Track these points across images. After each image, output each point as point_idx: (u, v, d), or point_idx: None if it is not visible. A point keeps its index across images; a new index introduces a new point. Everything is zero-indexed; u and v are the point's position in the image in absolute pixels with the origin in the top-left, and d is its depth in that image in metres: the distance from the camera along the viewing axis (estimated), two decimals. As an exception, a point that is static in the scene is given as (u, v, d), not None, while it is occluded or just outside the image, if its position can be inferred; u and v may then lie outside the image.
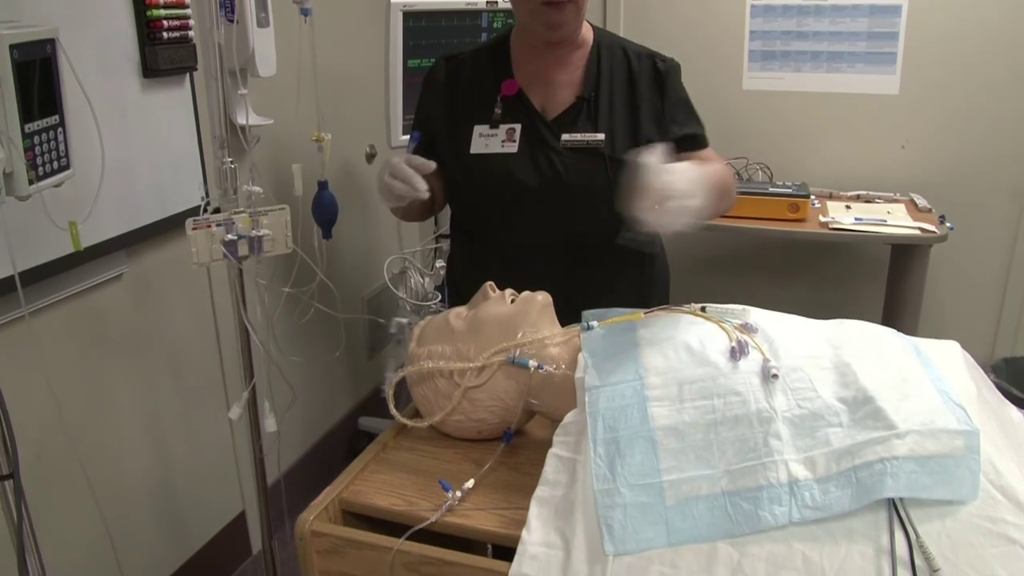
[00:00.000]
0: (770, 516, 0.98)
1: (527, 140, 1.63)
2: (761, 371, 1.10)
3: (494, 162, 1.63)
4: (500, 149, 1.63)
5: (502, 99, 1.65)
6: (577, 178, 1.60)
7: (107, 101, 1.75)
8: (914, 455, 0.98)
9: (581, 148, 1.60)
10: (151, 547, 2.15)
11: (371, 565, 1.14)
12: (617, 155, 1.59)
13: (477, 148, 1.65)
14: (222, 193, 1.71)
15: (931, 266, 2.75)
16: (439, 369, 1.29)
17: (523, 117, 1.64)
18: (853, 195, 3.03)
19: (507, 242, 1.68)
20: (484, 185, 1.65)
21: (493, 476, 1.24)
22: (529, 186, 1.61)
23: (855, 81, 3.09)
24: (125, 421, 2.03)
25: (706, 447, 1.04)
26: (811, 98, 3.16)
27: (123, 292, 1.97)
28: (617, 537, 1.00)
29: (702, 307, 1.28)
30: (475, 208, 1.73)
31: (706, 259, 3.33)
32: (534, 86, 1.66)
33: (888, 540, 0.94)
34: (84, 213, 1.54)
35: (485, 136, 1.65)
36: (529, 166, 1.61)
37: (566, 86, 1.65)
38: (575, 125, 1.62)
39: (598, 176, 1.59)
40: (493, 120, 1.64)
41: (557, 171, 1.60)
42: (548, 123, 1.63)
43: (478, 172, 1.65)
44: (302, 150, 2.15)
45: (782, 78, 3.16)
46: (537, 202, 1.62)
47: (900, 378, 1.09)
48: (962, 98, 3.00)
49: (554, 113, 1.64)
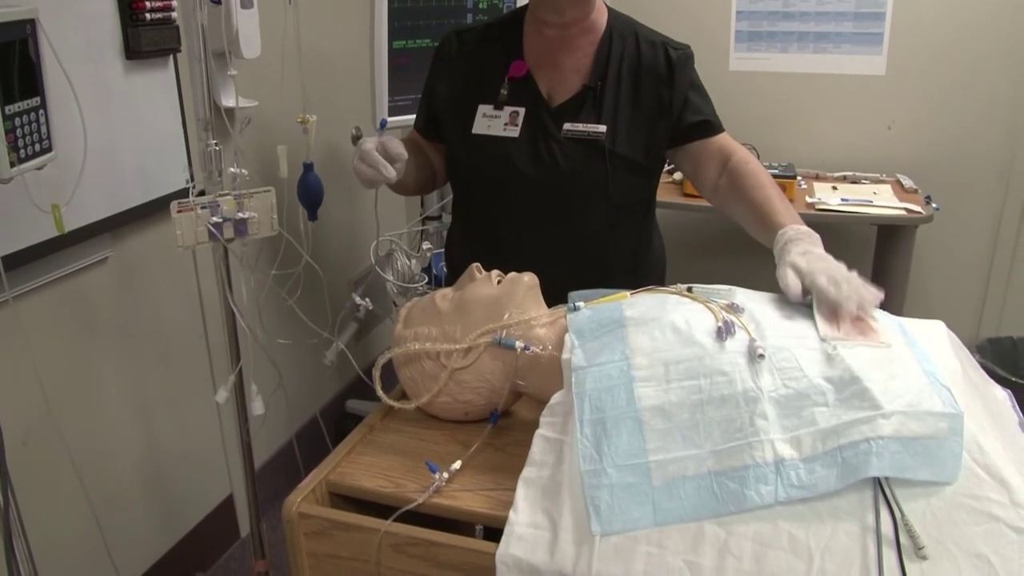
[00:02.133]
0: (756, 495, 0.98)
1: (529, 126, 1.61)
2: (747, 351, 1.09)
3: (494, 145, 1.61)
4: (502, 132, 1.61)
5: (509, 80, 1.63)
6: (575, 169, 1.58)
7: (89, 83, 1.74)
8: (899, 436, 0.98)
9: (582, 139, 1.58)
10: (139, 531, 2.16)
11: (358, 547, 1.14)
12: (618, 149, 1.58)
13: (479, 128, 1.63)
14: (207, 176, 1.70)
15: (917, 246, 2.77)
16: (425, 351, 1.29)
17: (528, 101, 1.62)
18: (840, 176, 3.04)
19: (503, 224, 1.67)
20: (482, 167, 1.64)
21: (480, 457, 1.24)
22: (526, 173, 1.59)
23: (841, 62, 3.10)
24: (111, 405, 2.03)
25: (692, 427, 1.04)
26: (798, 79, 3.16)
27: (108, 276, 1.96)
28: (604, 517, 1.00)
29: (688, 287, 1.27)
30: (473, 189, 1.72)
31: (696, 242, 3.33)
32: (542, 69, 1.63)
33: (873, 519, 0.95)
34: (67, 196, 1.53)
35: (488, 117, 1.63)
36: (528, 153, 1.60)
37: (574, 72, 1.62)
38: (578, 115, 1.60)
39: (596, 168, 1.58)
40: (498, 101, 1.62)
41: (556, 160, 1.59)
42: (551, 110, 1.61)
43: (478, 153, 1.63)
44: (287, 132, 2.13)
45: (769, 59, 3.16)
46: (533, 189, 1.60)
47: (887, 358, 1.09)
48: (948, 79, 3.01)
49: (559, 100, 1.62)
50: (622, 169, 1.59)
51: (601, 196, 1.57)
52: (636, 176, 1.63)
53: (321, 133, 1.97)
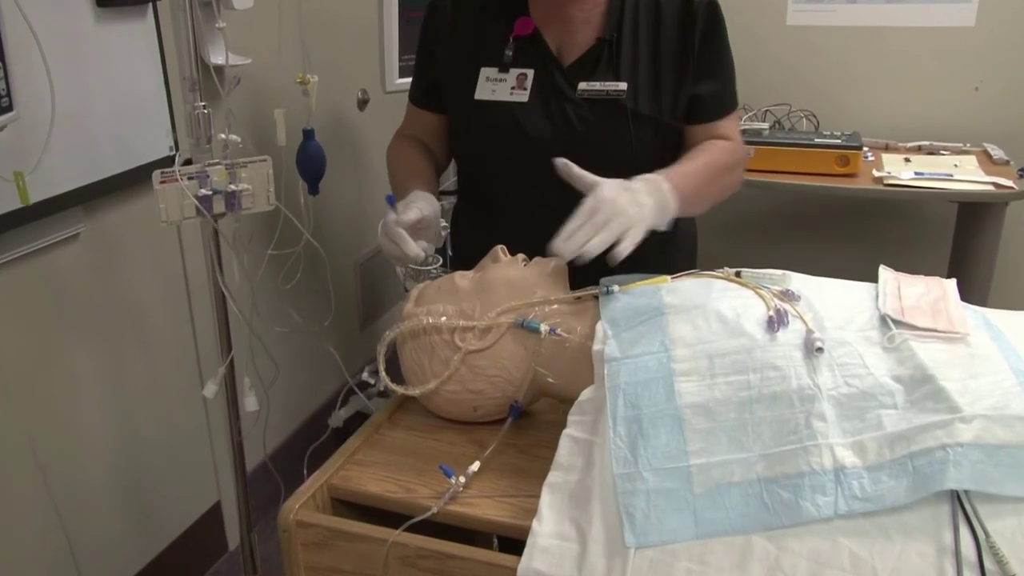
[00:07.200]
0: (812, 507, 0.98)
1: (539, 88, 1.61)
2: (804, 344, 1.10)
3: (501, 111, 1.61)
4: (509, 97, 1.61)
5: (514, 39, 1.63)
6: (594, 133, 1.58)
7: (56, 35, 1.73)
8: (981, 443, 0.97)
9: (600, 99, 1.58)
10: (112, 543, 2.18)
11: (363, 559, 1.15)
12: (640, 108, 1.57)
13: (483, 94, 1.63)
14: (194, 142, 1.71)
15: (1006, 227, 2.72)
16: (437, 327, 1.30)
17: (536, 61, 1.62)
18: (914, 146, 3.01)
19: (514, 201, 1.67)
20: (489, 137, 1.65)
21: (500, 460, 1.25)
22: (539, 140, 1.59)
23: (921, 12, 3.04)
24: (83, 399, 2.05)
25: (740, 428, 1.05)
26: (866, 33, 3.12)
27: (81, 253, 1.98)
28: (639, 528, 1.01)
29: (736, 272, 1.28)
30: (479, 162, 1.72)
31: (739, 221, 3.31)
32: (550, 24, 1.63)
33: (951, 538, 0.93)
34: (32, 163, 1.54)
35: (492, 80, 1.63)
36: (540, 117, 1.60)
37: (585, 24, 1.61)
38: (594, 72, 1.59)
39: (618, 132, 1.57)
40: (503, 63, 1.63)
41: (572, 124, 1.58)
42: (563, 69, 1.61)
43: (482, 121, 1.64)
44: (285, 94, 2.15)
45: (833, 10, 3.12)
46: (548, 159, 1.59)
47: (967, 354, 1.09)
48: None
49: (571, 57, 1.62)
50: (647, 130, 1.59)
51: (625, 162, 1.52)
52: (663, 137, 1.63)
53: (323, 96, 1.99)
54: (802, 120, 3.03)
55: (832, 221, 3.26)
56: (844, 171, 2.70)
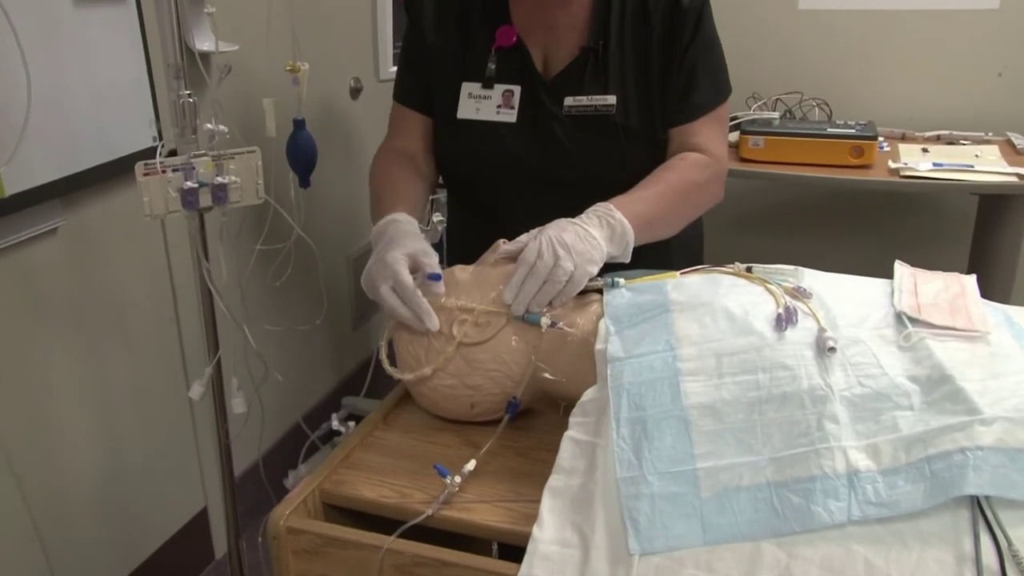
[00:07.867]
0: (825, 512, 0.98)
1: (524, 105, 1.58)
2: (815, 342, 1.10)
3: (487, 132, 1.58)
4: (495, 117, 1.58)
5: (496, 51, 1.59)
6: (584, 152, 1.56)
7: (31, 19, 1.74)
8: (1003, 446, 0.97)
9: (588, 115, 1.55)
10: (93, 553, 2.18)
11: (356, 567, 1.15)
12: (631, 123, 1.55)
13: (466, 112, 1.60)
14: (179, 133, 1.70)
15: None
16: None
17: (520, 77, 1.58)
18: (932, 136, 3.01)
19: (504, 210, 1.64)
20: (471, 157, 1.62)
21: (498, 463, 1.25)
22: (528, 164, 1.57)
23: (942, -7, 3.04)
24: (61, 401, 2.04)
25: (748, 429, 1.05)
26: (882, 17, 3.12)
27: (59, 248, 1.98)
28: (643, 534, 1.01)
29: (747, 267, 1.28)
30: (466, 181, 1.70)
31: (748, 215, 3.32)
32: (534, 30, 1.59)
33: (971, 546, 0.93)
34: (8, 154, 1.55)
35: (476, 98, 1.59)
36: (527, 138, 1.57)
37: (571, 30, 1.58)
38: (581, 85, 1.56)
39: (609, 149, 1.55)
40: (486, 78, 1.59)
41: (560, 144, 1.56)
42: (547, 83, 1.58)
43: (466, 143, 1.61)
44: (275, 82, 2.15)
45: (847, -7, 3.12)
46: (538, 180, 1.58)
47: (987, 353, 1.09)
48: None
49: (557, 68, 1.59)
50: (639, 146, 1.57)
51: (619, 180, 1.51)
52: (658, 152, 1.60)
53: (314, 84, 1.99)
54: (814, 109, 3.03)
55: (846, 215, 3.26)
56: (858, 162, 2.70)
